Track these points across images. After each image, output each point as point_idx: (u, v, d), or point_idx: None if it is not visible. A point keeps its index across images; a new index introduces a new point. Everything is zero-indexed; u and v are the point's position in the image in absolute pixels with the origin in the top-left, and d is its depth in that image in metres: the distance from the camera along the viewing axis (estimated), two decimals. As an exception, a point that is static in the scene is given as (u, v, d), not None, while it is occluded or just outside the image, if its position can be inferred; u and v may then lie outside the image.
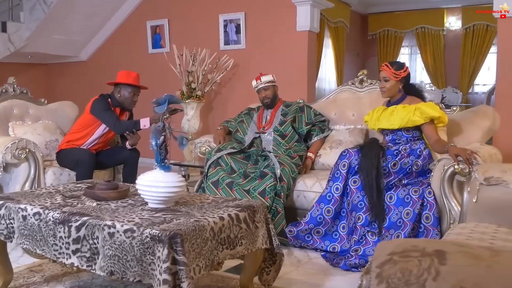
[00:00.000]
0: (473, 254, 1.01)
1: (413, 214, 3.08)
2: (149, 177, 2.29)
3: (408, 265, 1.03)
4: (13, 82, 4.36)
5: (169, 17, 6.94)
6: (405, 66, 3.35)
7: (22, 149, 3.58)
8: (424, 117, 3.25)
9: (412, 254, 1.05)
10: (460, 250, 1.03)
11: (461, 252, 1.02)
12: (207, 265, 2.04)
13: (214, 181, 3.58)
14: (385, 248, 1.10)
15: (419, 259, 1.03)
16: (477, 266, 0.98)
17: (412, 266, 1.02)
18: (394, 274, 1.03)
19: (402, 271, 1.02)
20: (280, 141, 3.83)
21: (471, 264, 0.99)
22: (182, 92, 6.21)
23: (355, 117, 4.02)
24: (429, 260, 1.02)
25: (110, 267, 2.01)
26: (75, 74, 7.90)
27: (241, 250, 2.25)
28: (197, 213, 2.18)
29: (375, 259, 1.09)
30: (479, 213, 2.30)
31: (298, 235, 3.32)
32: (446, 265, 1.00)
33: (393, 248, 1.08)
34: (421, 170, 3.26)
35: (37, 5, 6.55)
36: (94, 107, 3.84)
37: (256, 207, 2.37)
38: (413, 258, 1.04)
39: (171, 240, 1.87)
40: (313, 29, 6.06)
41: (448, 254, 1.02)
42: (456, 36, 9.21)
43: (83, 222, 2.09)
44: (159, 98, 2.28)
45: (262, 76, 4.04)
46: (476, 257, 1.00)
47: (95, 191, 2.42)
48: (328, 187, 3.31)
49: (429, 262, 1.01)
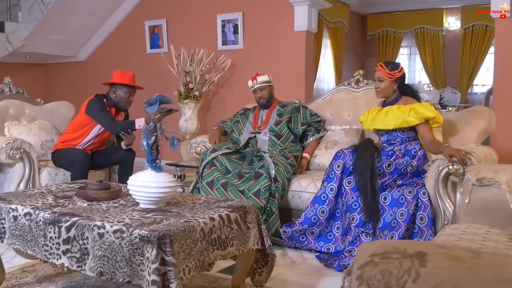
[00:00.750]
0: (453, 256, 1.00)
1: (408, 215, 3.07)
2: (140, 177, 2.28)
3: (388, 267, 1.02)
4: (9, 82, 4.36)
5: (167, 17, 6.94)
6: (400, 67, 3.34)
7: (17, 149, 3.58)
8: (419, 118, 3.24)
9: (393, 255, 1.04)
10: (441, 252, 1.02)
11: (442, 254, 1.01)
12: (197, 266, 2.03)
13: (208, 181, 3.57)
14: (366, 250, 1.09)
15: (400, 261, 1.02)
16: (457, 268, 0.98)
17: (393, 268, 1.01)
18: (375, 276, 1.02)
19: (382, 273, 1.01)
20: (275, 141, 3.82)
21: (451, 266, 0.98)
22: (179, 92, 6.20)
23: (351, 117, 4.01)
24: (409, 262, 1.01)
25: (99, 267, 2.00)
26: (73, 74, 7.90)
27: (232, 251, 2.24)
28: (188, 214, 2.17)
29: (356, 260, 1.09)
30: (472, 214, 2.29)
31: (293, 236, 3.31)
32: (426, 267, 0.99)
33: (374, 249, 1.07)
34: (416, 170, 3.25)
35: (35, 5, 6.55)
36: (89, 107, 3.83)
37: (247, 208, 2.36)
38: (393, 260, 1.03)
39: (160, 240, 1.87)
40: (311, 29, 6.05)
41: (429, 256, 1.01)
42: (455, 36, 9.20)
43: (73, 222, 2.09)
44: (150, 98, 2.27)
45: (258, 76, 4.04)
46: (456, 259, 0.99)
47: (87, 192, 2.42)
48: (322, 187, 3.30)
49: (409, 264, 1.00)
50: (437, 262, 1.00)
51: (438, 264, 0.99)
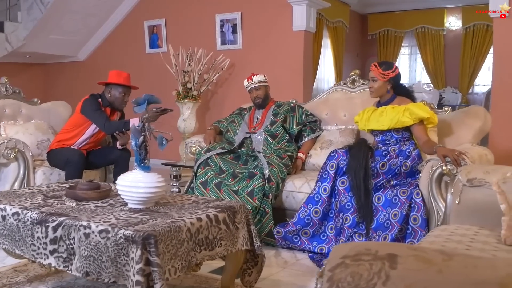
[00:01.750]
0: (424, 258, 0.99)
1: (401, 215, 3.05)
2: (129, 177, 2.28)
3: (359, 269, 1.01)
4: (6, 81, 4.37)
5: (166, 17, 6.94)
6: (394, 67, 3.32)
7: (11, 148, 3.59)
8: (413, 118, 3.22)
9: (364, 257, 1.03)
10: (413, 254, 1.01)
11: (413, 256, 1.00)
12: (184, 266, 2.02)
13: (203, 181, 3.56)
14: (339, 251, 1.08)
15: (370, 263, 1.01)
16: (427, 271, 0.96)
17: (363, 270, 1.00)
18: (345, 278, 1.01)
19: (352, 275, 1.00)
20: (270, 141, 3.81)
21: (422, 268, 0.97)
22: (178, 92, 6.20)
23: (346, 117, 4.00)
24: (380, 264, 1.00)
25: (85, 267, 2.00)
26: (73, 74, 7.90)
27: (220, 251, 2.23)
28: (175, 214, 2.16)
29: (328, 262, 1.07)
30: (462, 215, 2.28)
31: (286, 236, 3.30)
32: (396, 269, 0.98)
33: (346, 251, 1.06)
34: (410, 171, 3.23)
35: (34, 5, 6.56)
36: (84, 107, 3.83)
37: (236, 208, 2.35)
38: (364, 262, 1.02)
39: (145, 241, 1.86)
40: (309, 29, 6.04)
41: (400, 258, 1.00)
42: (456, 36, 9.16)
43: (59, 222, 2.08)
44: (138, 98, 2.27)
45: (254, 76, 4.03)
46: (427, 261, 0.98)
47: (76, 191, 2.41)
48: (316, 187, 3.29)
49: (379, 266, 0.99)
50: (407, 265, 0.99)
51: (408, 267, 0.98)
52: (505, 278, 0.92)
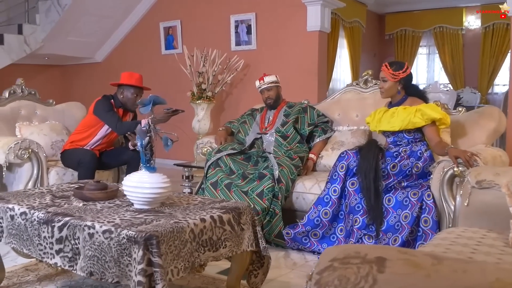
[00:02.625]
0: (413, 262, 0.97)
1: (411, 217, 3.01)
2: (135, 178, 2.29)
3: (346, 272, 0.99)
4: (22, 83, 4.43)
5: (182, 18, 6.97)
6: (405, 67, 3.28)
7: (25, 149, 3.64)
8: (425, 119, 3.18)
9: (352, 261, 1.01)
10: (402, 258, 0.99)
11: (402, 259, 0.98)
12: (187, 267, 2.02)
13: (213, 182, 3.57)
14: (329, 254, 1.06)
15: (358, 266, 0.99)
16: (415, 275, 0.94)
17: (350, 274, 0.98)
18: (332, 281, 0.99)
19: (340, 278, 0.99)
20: (281, 142, 3.79)
21: (410, 272, 0.95)
22: (192, 93, 6.22)
23: (358, 118, 3.96)
24: (368, 267, 0.98)
25: (89, 267, 2.01)
26: (90, 75, 8.00)
27: (225, 252, 2.23)
28: (179, 215, 2.17)
29: (317, 265, 1.06)
30: (471, 217, 2.23)
31: (296, 238, 3.28)
32: (384, 273, 0.96)
33: (336, 254, 1.05)
34: (422, 172, 3.18)
35: (52, 8, 6.66)
36: (96, 108, 3.87)
37: (242, 209, 2.34)
38: (352, 265, 1.00)
39: (147, 241, 1.86)
40: (324, 29, 6.00)
41: (388, 262, 0.98)
42: (475, 35, 9.01)
43: (65, 222, 2.10)
44: (143, 99, 2.28)
45: (265, 77, 4.02)
46: (416, 265, 0.96)
47: (83, 192, 2.44)
48: (326, 189, 3.27)
49: (367, 270, 0.98)
50: (395, 268, 0.97)
51: (396, 271, 0.96)
52: (494, 283, 0.89)
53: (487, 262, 1.03)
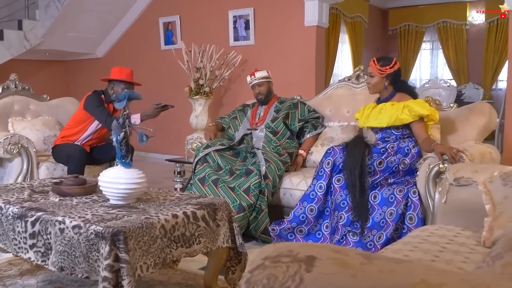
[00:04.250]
0: (342, 262, 0.95)
1: (396, 214, 2.98)
2: (110, 173, 2.28)
3: (275, 271, 0.97)
4: (15, 78, 4.44)
5: (181, 14, 6.96)
6: (393, 63, 3.23)
7: (14, 144, 3.65)
8: (413, 115, 3.14)
9: (283, 259, 0.99)
10: (332, 257, 0.97)
11: (332, 258, 0.96)
12: (157, 263, 2.02)
13: (200, 178, 3.56)
14: (263, 252, 1.04)
15: (288, 265, 0.97)
16: (341, 275, 0.92)
17: (279, 273, 0.97)
18: (261, 280, 0.97)
19: (268, 277, 0.97)
20: (271, 138, 3.77)
21: (336, 272, 0.93)
22: (190, 89, 6.21)
23: (350, 113, 3.92)
24: (297, 266, 0.96)
25: (60, 262, 2.01)
26: (91, 71, 8.01)
27: (199, 249, 2.22)
28: (152, 211, 2.16)
29: (250, 263, 1.04)
30: (448, 215, 2.20)
31: (281, 234, 3.26)
32: (311, 272, 0.94)
33: (269, 252, 1.03)
34: (409, 169, 3.15)
35: (52, 3, 6.68)
36: (87, 103, 3.88)
37: (218, 205, 2.33)
38: (282, 264, 0.98)
39: (114, 237, 1.86)
40: (322, 24, 5.96)
41: (318, 261, 0.96)
42: (479, 30, 8.90)
43: (37, 217, 2.10)
44: (118, 94, 2.27)
45: (257, 72, 4.00)
46: (344, 265, 0.94)
47: (61, 187, 2.44)
48: (312, 185, 3.24)
49: (296, 269, 0.96)
50: (323, 268, 0.95)
51: (323, 270, 0.94)
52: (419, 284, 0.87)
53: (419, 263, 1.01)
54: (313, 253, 0.99)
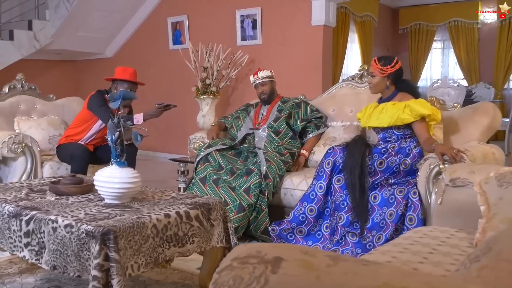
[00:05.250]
0: (308, 263, 0.94)
1: (396, 215, 2.95)
2: (105, 173, 2.30)
3: (242, 272, 0.97)
4: (21, 78, 4.49)
5: (189, 14, 6.98)
6: (394, 62, 3.20)
7: (18, 143, 3.69)
8: (414, 115, 3.10)
9: (250, 260, 0.98)
10: (299, 258, 0.96)
11: (299, 260, 0.95)
12: (149, 262, 2.02)
13: (201, 177, 3.56)
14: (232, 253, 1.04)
15: (254, 266, 0.96)
16: (305, 277, 0.91)
17: (246, 274, 0.96)
18: (227, 281, 0.97)
19: (234, 278, 0.96)
20: (273, 137, 3.76)
21: (301, 274, 0.92)
22: (197, 88, 6.23)
23: (353, 113, 3.89)
24: (263, 267, 0.95)
25: (53, 261, 2.03)
26: (101, 71, 8.04)
27: (192, 248, 2.22)
28: (145, 210, 2.16)
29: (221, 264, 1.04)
30: (444, 216, 2.17)
31: (281, 234, 3.25)
32: (277, 273, 0.93)
33: (238, 253, 1.02)
34: (410, 169, 3.11)
35: (61, 3, 6.74)
36: (90, 102, 3.90)
37: (212, 205, 2.33)
38: (249, 265, 0.97)
39: (104, 236, 1.87)
40: (329, 23, 5.93)
41: (284, 262, 0.95)
42: (491, 29, 8.79)
43: (31, 216, 2.12)
44: (113, 93, 2.28)
45: (260, 72, 4.00)
46: (309, 267, 0.93)
47: (57, 186, 2.45)
48: (312, 185, 3.23)
49: (262, 270, 0.95)
50: (289, 269, 0.94)
51: (289, 272, 0.93)
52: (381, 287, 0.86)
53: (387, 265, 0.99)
54: (280, 254, 0.98)
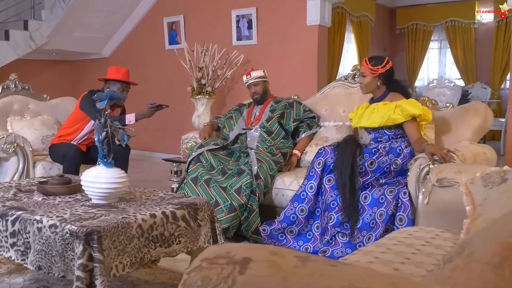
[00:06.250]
0: (276, 264, 0.94)
1: (386, 215, 2.95)
2: (92, 173, 2.29)
3: (210, 273, 0.96)
4: (15, 78, 4.48)
5: (185, 14, 6.98)
6: (385, 62, 3.20)
7: (10, 143, 3.69)
8: (405, 115, 3.10)
9: (219, 261, 0.98)
10: (268, 259, 0.95)
11: (267, 261, 0.95)
12: (134, 262, 2.02)
13: (193, 177, 3.55)
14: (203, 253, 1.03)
15: (223, 267, 0.96)
16: (272, 277, 0.91)
17: (214, 274, 0.95)
18: (195, 282, 0.96)
19: (203, 279, 0.96)
20: (266, 137, 3.76)
21: (268, 275, 0.91)
22: (192, 88, 6.23)
23: (345, 113, 3.89)
24: (231, 268, 0.95)
25: (38, 261, 2.02)
26: (98, 71, 8.01)
27: (179, 249, 2.21)
28: (131, 210, 2.16)
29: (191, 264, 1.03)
30: (431, 216, 2.17)
31: (272, 234, 3.25)
32: (244, 274, 0.93)
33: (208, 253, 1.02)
34: (401, 169, 3.11)
35: (57, 3, 6.74)
36: (82, 102, 3.90)
37: (199, 205, 2.32)
38: (218, 266, 0.97)
39: (88, 236, 1.86)
40: (324, 23, 5.93)
41: (252, 263, 0.95)
42: (488, 29, 8.78)
43: (17, 216, 2.12)
44: (100, 93, 2.28)
45: (253, 72, 3.99)
46: (277, 267, 0.93)
47: (45, 186, 2.45)
48: (302, 185, 3.22)
49: (230, 271, 0.94)
50: (256, 270, 0.93)
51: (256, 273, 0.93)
52: (346, 288, 0.85)
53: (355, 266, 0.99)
54: (249, 255, 0.98)
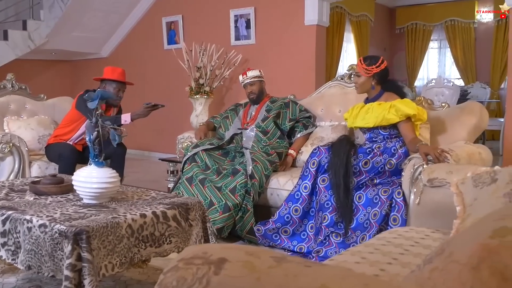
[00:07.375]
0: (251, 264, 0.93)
1: (380, 216, 2.94)
2: (83, 173, 2.29)
3: (185, 273, 0.96)
4: (12, 78, 4.49)
5: (183, 13, 6.98)
6: (379, 62, 3.19)
7: (6, 143, 3.69)
8: (400, 115, 3.09)
9: (195, 261, 0.98)
10: (243, 260, 0.95)
11: (242, 261, 0.94)
12: (123, 262, 2.02)
13: (188, 177, 3.55)
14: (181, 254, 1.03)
15: (198, 267, 0.96)
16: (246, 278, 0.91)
17: (189, 275, 0.95)
18: (171, 282, 0.96)
19: (178, 279, 0.96)
20: (261, 137, 3.76)
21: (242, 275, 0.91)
22: (190, 88, 6.23)
23: (341, 113, 3.88)
24: (206, 268, 0.95)
25: (28, 261, 2.02)
26: (97, 71, 7.97)
27: (169, 248, 2.21)
28: (122, 210, 2.16)
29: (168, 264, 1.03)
30: (422, 216, 2.17)
31: (266, 234, 3.24)
32: (219, 275, 0.93)
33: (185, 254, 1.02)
34: (395, 169, 3.10)
35: (55, 3, 6.74)
36: (78, 102, 3.90)
37: (190, 205, 2.32)
38: (193, 266, 0.97)
39: (77, 236, 1.86)
40: (322, 23, 5.92)
41: (228, 264, 0.95)
42: (487, 29, 8.76)
43: (7, 216, 2.12)
44: (91, 93, 2.27)
45: (249, 71, 3.99)
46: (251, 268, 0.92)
47: (37, 186, 2.45)
48: (297, 185, 3.22)
49: (205, 271, 0.94)
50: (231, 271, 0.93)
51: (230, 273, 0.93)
52: (317, 289, 0.85)
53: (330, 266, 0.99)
54: (225, 255, 0.97)
